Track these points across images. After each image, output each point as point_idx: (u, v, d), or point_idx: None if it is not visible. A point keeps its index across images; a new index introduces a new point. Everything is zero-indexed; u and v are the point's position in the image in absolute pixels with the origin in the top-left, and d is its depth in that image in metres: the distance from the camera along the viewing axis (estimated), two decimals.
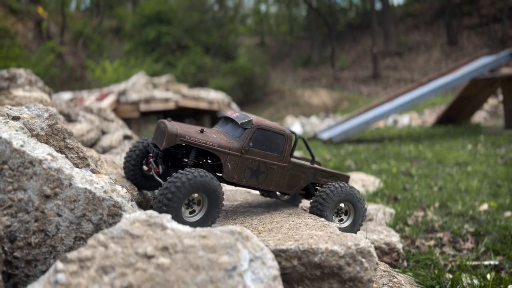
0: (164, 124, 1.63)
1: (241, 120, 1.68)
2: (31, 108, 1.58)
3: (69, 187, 1.28)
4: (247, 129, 1.66)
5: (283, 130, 1.72)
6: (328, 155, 6.64)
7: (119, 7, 30.13)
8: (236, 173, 1.64)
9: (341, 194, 1.73)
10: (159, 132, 1.66)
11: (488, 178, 4.28)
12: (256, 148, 1.66)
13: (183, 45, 23.51)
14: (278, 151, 1.71)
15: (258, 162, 1.67)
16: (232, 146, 1.62)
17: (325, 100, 20.48)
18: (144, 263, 0.96)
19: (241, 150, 1.63)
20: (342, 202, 1.75)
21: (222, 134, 1.70)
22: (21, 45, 18.97)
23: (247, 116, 1.70)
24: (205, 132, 1.64)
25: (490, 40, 22.48)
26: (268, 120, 1.77)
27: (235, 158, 1.62)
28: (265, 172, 1.69)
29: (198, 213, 1.49)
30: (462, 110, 9.70)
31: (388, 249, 2.29)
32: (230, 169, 1.62)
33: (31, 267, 1.22)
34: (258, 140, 1.67)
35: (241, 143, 1.64)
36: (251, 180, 1.68)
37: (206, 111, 9.87)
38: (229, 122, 1.78)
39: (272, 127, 1.70)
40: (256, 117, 1.74)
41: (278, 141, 1.71)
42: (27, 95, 2.74)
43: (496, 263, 2.29)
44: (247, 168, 1.66)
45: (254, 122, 1.67)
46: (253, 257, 1.02)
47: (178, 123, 1.67)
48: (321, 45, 29.11)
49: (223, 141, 1.62)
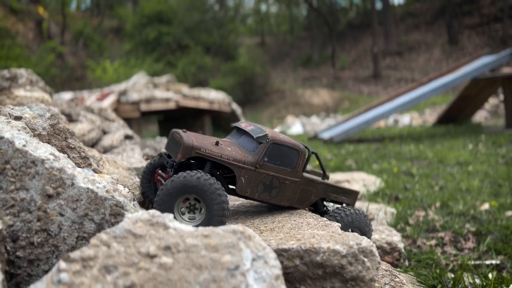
0: (179, 135, 1.61)
1: (257, 134, 1.66)
2: (33, 108, 1.59)
3: (71, 186, 1.28)
4: (262, 143, 1.65)
5: (297, 146, 1.71)
6: (329, 154, 6.64)
7: (119, 7, 30.14)
8: (250, 188, 1.63)
9: (354, 222, 1.76)
10: (174, 143, 1.64)
11: (489, 178, 4.28)
12: (270, 163, 1.65)
13: (184, 45, 23.51)
14: (292, 166, 1.70)
15: (271, 176, 1.66)
16: (247, 160, 1.61)
17: (326, 100, 20.47)
18: (146, 263, 0.96)
19: (256, 165, 1.62)
20: (352, 228, 1.77)
21: (236, 147, 1.69)
22: (22, 45, 18.98)
23: (263, 130, 1.68)
24: (220, 144, 1.62)
25: (491, 40, 22.47)
26: (282, 134, 1.76)
27: (249, 172, 1.61)
28: (278, 187, 1.69)
29: (197, 219, 1.47)
30: (463, 110, 9.69)
31: (390, 249, 2.29)
32: (244, 183, 1.61)
33: (33, 267, 1.22)
34: (272, 154, 1.66)
35: (256, 157, 1.63)
36: (264, 195, 1.67)
37: (207, 111, 9.87)
38: (243, 134, 1.76)
39: (287, 142, 1.69)
40: (271, 130, 1.74)
41: (292, 156, 1.70)
42: (28, 95, 2.74)
43: (497, 263, 2.29)
44: (260, 183, 1.65)
45: (269, 136, 1.66)
46: (255, 256, 1.02)
47: (193, 134, 1.64)
48: (322, 45, 29.10)
49: (238, 155, 1.61)
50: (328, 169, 5.23)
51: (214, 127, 11.11)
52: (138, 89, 8.83)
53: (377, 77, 22.98)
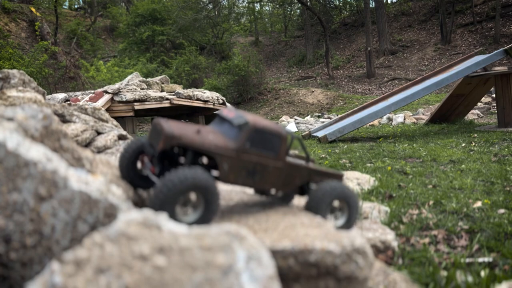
0: (160, 124, 1.60)
1: (237, 120, 1.66)
2: (25, 108, 1.58)
3: (64, 188, 1.27)
4: (243, 129, 1.64)
5: (279, 130, 1.71)
6: (323, 153, 6.66)
7: (112, 6, 30.00)
8: (232, 174, 1.62)
9: (335, 191, 1.74)
10: (155, 132, 1.64)
11: (482, 176, 4.31)
12: (253, 149, 1.65)
13: (178, 44, 23.46)
14: (274, 151, 1.70)
15: (254, 162, 1.66)
16: (229, 147, 1.61)
17: (320, 99, 20.50)
18: (140, 264, 0.96)
19: (238, 151, 1.61)
20: (336, 199, 1.76)
21: (218, 134, 1.69)
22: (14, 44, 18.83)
23: (244, 116, 1.68)
24: (201, 132, 1.62)
25: (484, 38, 22.63)
26: (264, 120, 1.76)
27: (232, 159, 1.61)
28: (260, 172, 1.68)
29: (192, 214, 1.47)
30: (456, 108, 9.75)
31: (383, 247, 2.30)
32: (226, 170, 1.61)
33: (26, 269, 1.22)
34: (254, 140, 1.65)
35: (238, 144, 1.62)
36: (247, 181, 1.67)
37: (201, 111, 9.87)
38: (225, 122, 1.76)
39: (268, 127, 1.69)
40: (253, 116, 1.73)
41: (274, 141, 1.70)
42: (20, 96, 2.72)
43: (490, 260, 2.30)
44: (243, 169, 1.64)
45: (250, 122, 1.65)
46: (249, 256, 1.02)
47: (174, 123, 1.65)
48: (316, 44, 29.14)
49: (219, 142, 1.61)
50: (322, 167, 5.23)
51: None
52: (131, 89, 8.80)
53: (371, 76, 23.06)
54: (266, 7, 37.24)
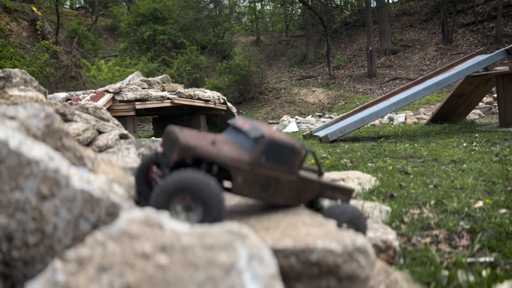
0: (174, 133, 1.57)
1: (254, 133, 1.64)
2: (27, 107, 1.58)
3: (66, 186, 1.27)
4: (259, 142, 1.62)
5: (294, 144, 1.69)
6: (324, 153, 6.65)
7: (114, 6, 30.01)
8: (246, 187, 1.61)
9: (348, 217, 1.77)
10: (169, 141, 1.60)
11: (483, 176, 4.30)
12: (267, 162, 1.63)
13: (178, 43, 23.46)
14: (288, 165, 1.69)
15: (268, 176, 1.64)
16: (244, 160, 1.59)
17: (321, 99, 20.49)
18: (142, 263, 0.96)
19: (253, 164, 1.60)
20: (345, 223, 1.77)
21: (233, 146, 1.66)
22: (16, 44, 18.86)
23: (260, 129, 1.66)
24: (216, 143, 1.60)
25: (485, 38, 22.59)
26: (279, 132, 1.75)
27: (246, 173, 1.59)
28: (274, 186, 1.67)
29: (193, 220, 1.45)
30: (457, 108, 9.74)
31: (385, 247, 2.30)
32: (240, 183, 1.59)
33: (29, 267, 1.22)
34: (269, 153, 1.64)
35: (253, 157, 1.61)
36: (260, 194, 1.65)
37: (202, 110, 9.87)
38: (240, 133, 1.74)
39: (284, 140, 1.67)
40: (268, 128, 1.72)
41: (289, 154, 1.68)
42: (22, 95, 2.72)
43: (491, 260, 2.30)
44: (257, 182, 1.62)
45: (266, 135, 1.63)
46: (251, 255, 1.02)
47: (188, 132, 1.62)
48: (317, 44, 29.12)
49: (234, 155, 1.59)
50: (323, 167, 5.24)
51: (209, 126, 11.10)
52: (133, 88, 8.81)
53: (372, 76, 23.04)
54: (267, 6, 37.23)
